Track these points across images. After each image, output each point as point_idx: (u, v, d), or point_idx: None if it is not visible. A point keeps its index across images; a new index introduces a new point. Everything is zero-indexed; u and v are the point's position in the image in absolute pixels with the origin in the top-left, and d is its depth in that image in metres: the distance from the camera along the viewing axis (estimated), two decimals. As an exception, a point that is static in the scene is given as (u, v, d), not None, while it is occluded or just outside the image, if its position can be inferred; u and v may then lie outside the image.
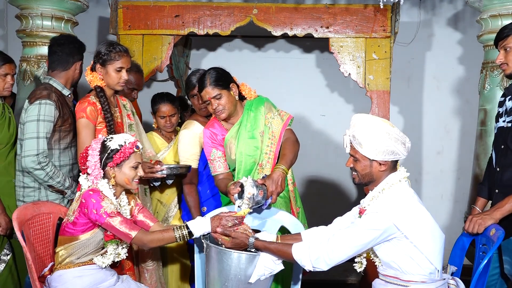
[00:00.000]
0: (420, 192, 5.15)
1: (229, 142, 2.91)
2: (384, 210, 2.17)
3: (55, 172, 2.84)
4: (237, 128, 2.91)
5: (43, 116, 2.81)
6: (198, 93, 2.91)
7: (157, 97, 3.32)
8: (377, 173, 2.27)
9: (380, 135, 2.22)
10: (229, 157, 2.92)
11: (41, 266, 2.55)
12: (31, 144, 2.77)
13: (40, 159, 2.77)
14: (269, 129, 2.91)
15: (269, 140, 2.90)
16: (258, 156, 2.89)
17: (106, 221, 2.37)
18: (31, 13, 3.78)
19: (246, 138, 2.89)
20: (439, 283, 2.21)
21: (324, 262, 2.19)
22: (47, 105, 2.82)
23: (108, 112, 2.78)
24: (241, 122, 2.92)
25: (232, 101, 2.86)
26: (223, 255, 2.35)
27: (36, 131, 2.79)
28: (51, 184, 2.86)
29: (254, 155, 2.89)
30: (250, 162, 2.89)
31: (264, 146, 2.89)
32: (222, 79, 2.84)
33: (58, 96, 2.90)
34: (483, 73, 3.81)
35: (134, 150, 2.50)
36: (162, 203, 3.22)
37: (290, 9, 3.76)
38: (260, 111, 2.93)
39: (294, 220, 2.79)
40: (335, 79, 5.02)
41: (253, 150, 2.89)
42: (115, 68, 2.80)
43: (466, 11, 5.02)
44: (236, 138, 2.90)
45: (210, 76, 2.82)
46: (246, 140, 2.89)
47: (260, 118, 2.92)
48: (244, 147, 2.89)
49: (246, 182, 2.57)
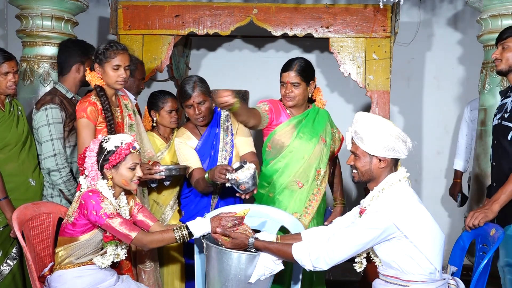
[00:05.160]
0: (420, 192, 5.15)
1: (287, 129, 3.01)
2: (384, 209, 2.17)
3: (69, 179, 2.99)
4: (300, 119, 3.03)
5: (51, 120, 2.98)
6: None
7: (162, 93, 3.30)
8: (377, 170, 2.27)
9: (382, 130, 2.24)
10: (276, 144, 3.03)
11: (41, 266, 2.56)
12: (48, 147, 2.96)
13: (57, 160, 2.95)
14: (332, 143, 3.13)
15: (330, 153, 3.12)
16: (310, 154, 3.00)
17: (106, 222, 2.37)
18: (31, 13, 3.78)
19: (308, 133, 3.02)
20: (439, 283, 2.22)
21: (324, 261, 2.19)
22: (52, 109, 2.99)
23: (109, 111, 2.78)
24: (306, 116, 3.05)
25: (304, 96, 3.02)
26: (223, 255, 2.35)
27: (49, 134, 2.97)
28: (62, 189, 2.98)
29: (307, 152, 2.99)
30: (299, 156, 2.99)
31: (325, 155, 3.05)
32: (307, 72, 3.01)
33: (61, 98, 3.06)
34: (483, 73, 3.81)
35: (130, 151, 2.48)
36: (159, 204, 3.20)
37: (290, 9, 3.76)
38: (325, 120, 3.11)
39: (294, 220, 2.79)
40: (335, 79, 5.02)
41: (309, 146, 3.00)
42: (112, 66, 2.78)
43: (466, 11, 5.02)
44: (297, 128, 3.01)
45: (299, 64, 2.99)
46: (308, 135, 3.01)
47: (324, 125, 3.08)
48: (302, 139, 3.00)
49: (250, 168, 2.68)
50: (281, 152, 3.01)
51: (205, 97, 3.01)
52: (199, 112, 3.00)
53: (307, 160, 2.99)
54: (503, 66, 2.72)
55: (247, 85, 5.21)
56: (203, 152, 3.08)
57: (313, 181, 3.00)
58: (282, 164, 3.00)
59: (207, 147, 3.08)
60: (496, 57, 2.74)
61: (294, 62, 3.00)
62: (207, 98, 3.03)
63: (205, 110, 3.02)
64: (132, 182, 2.51)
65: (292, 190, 2.98)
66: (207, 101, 3.02)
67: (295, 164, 2.99)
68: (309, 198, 2.99)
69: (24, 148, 3.04)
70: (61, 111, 3.01)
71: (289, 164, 2.99)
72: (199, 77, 3.07)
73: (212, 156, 3.08)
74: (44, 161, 2.98)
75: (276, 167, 3.01)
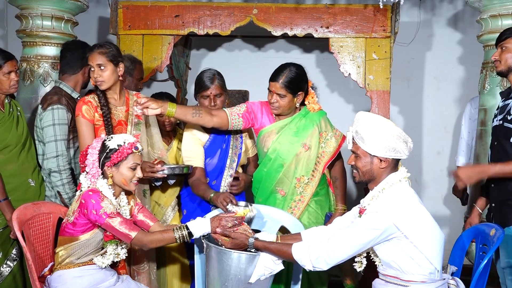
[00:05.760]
0: (420, 192, 5.15)
1: (268, 134, 2.96)
2: (384, 210, 2.17)
3: (69, 182, 2.99)
4: (282, 125, 2.97)
5: (57, 120, 2.99)
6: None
7: (157, 97, 3.31)
8: (378, 171, 2.27)
9: (383, 131, 2.24)
10: (260, 149, 3.01)
11: (41, 266, 2.56)
12: (51, 147, 2.97)
13: (59, 162, 2.95)
14: (321, 148, 2.97)
15: (317, 158, 2.97)
16: (289, 162, 2.93)
17: (106, 221, 2.37)
18: (31, 13, 3.78)
19: (287, 141, 2.94)
20: (439, 283, 2.22)
21: (324, 261, 2.19)
22: (59, 110, 3.00)
23: (105, 107, 2.80)
24: (289, 122, 2.97)
25: (290, 106, 2.94)
26: (223, 255, 2.35)
27: (54, 135, 2.98)
28: (61, 191, 2.97)
29: (285, 159, 2.93)
30: (279, 163, 2.94)
31: (310, 162, 2.94)
32: (294, 84, 2.90)
33: (68, 99, 3.07)
34: (483, 73, 3.81)
35: (132, 150, 2.49)
36: (160, 205, 3.20)
37: (290, 9, 3.76)
38: (313, 125, 2.98)
39: (294, 220, 2.79)
40: (335, 79, 5.02)
41: (288, 154, 2.93)
42: (89, 68, 2.83)
43: (466, 11, 5.02)
44: (278, 134, 2.95)
45: (287, 75, 2.88)
46: (287, 142, 2.94)
47: (309, 131, 2.96)
48: (281, 146, 2.94)
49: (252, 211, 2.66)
50: (262, 157, 3.01)
51: (222, 91, 3.07)
52: (214, 104, 3.03)
53: (287, 168, 2.94)
54: (503, 67, 2.73)
55: (247, 85, 5.21)
56: (214, 145, 3.09)
57: (294, 189, 2.94)
58: (263, 172, 3.00)
59: (218, 141, 3.10)
60: (495, 58, 2.75)
61: (282, 72, 2.89)
62: (223, 92, 3.09)
63: (220, 103, 3.06)
64: (131, 183, 2.52)
65: (275, 197, 2.97)
66: (222, 95, 3.08)
67: (274, 173, 2.95)
68: (290, 205, 2.95)
69: (24, 149, 3.04)
70: (67, 112, 3.03)
71: (269, 172, 2.97)
72: (217, 71, 3.12)
73: (223, 150, 3.10)
74: (46, 161, 2.99)
75: (260, 174, 3.02)
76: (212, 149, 3.09)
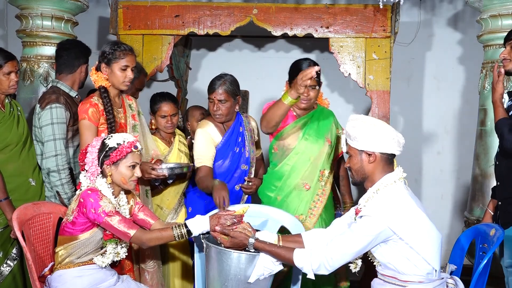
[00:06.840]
0: (420, 192, 5.15)
1: (292, 131, 3.01)
2: (378, 214, 2.17)
3: (68, 181, 2.98)
4: (305, 121, 3.03)
5: (56, 119, 2.98)
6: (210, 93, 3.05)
7: (158, 96, 3.31)
8: (367, 166, 2.28)
9: (367, 126, 2.27)
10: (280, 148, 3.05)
11: (41, 266, 2.56)
12: (50, 146, 2.96)
13: (58, 161, 2.95)
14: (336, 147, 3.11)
15: (335, 153, 3.12)
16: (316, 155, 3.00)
17: (105, 220, 2.37)
18: (31, 13, 3.78)
19: (313, 135, 3.02)
20: (437, 282, 2.21)
21: (324, 268, 2.22)
22: (57, 109, 2.99)
23: (110, 113, 2.78)
24: (310, 117, 3.04)
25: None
26: (223, 255, 2.35)
27: (52, 134, 2.96)
28: (59, 191, 2.96)
29: (312, 153, 3.00)
30: (306, 157, 3.00)
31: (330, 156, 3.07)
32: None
33: (66, 98, 3.06)
34: (483, 73, 3.81)
35: (132, 149, 2.49)
36: (162, 209, 3.19)
37: (290, 9, 3.76)
38: (330, 121, 3.11)
39: (294, 220, 2.79)
40: (335, 79, 5.02)
41: (314, 148, 3.00)
42: (120, 67, 2.80)
43: (466, 11, 5.02)
44: (303, 129, 3.01)
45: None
46: (313, 136, 3.01)
47: (329, 126, 3.08)
48: (308, 141, 3.00)
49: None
50: (287, 154, 3.02)
51: (229, 97, 3.07)
52: (217, 109, 3.06)
53: (313, 161, 2.99)
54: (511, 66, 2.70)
55: (247, 85, 5.19)
56: (225, 148, 3.10)
57: (317, 182, 3.00)
58: (289, 167, 3.00)
59: (230, 144, 3.11)
60: (504, 57, 2.72)
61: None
62: (230, 99, 3.08)
63: (224, 109, 3.07)
64: (130, 181, 2.52)
65: (300, 192, 2.99)
66: (229, 101, 3.07)
67: (301, 166, 2.99)
68: (314, 199, 3.00)
69: (24, 148, 3.04)
70: (66, 111, 3.01)
71: (296, 166, 2.99)
72: (232, 77, 3.14)
73: (236, 153, 3.11)
74: (45, 160, 2.98)
75: (283, 170, 3.02)
76: (224, 151, 3.10)
